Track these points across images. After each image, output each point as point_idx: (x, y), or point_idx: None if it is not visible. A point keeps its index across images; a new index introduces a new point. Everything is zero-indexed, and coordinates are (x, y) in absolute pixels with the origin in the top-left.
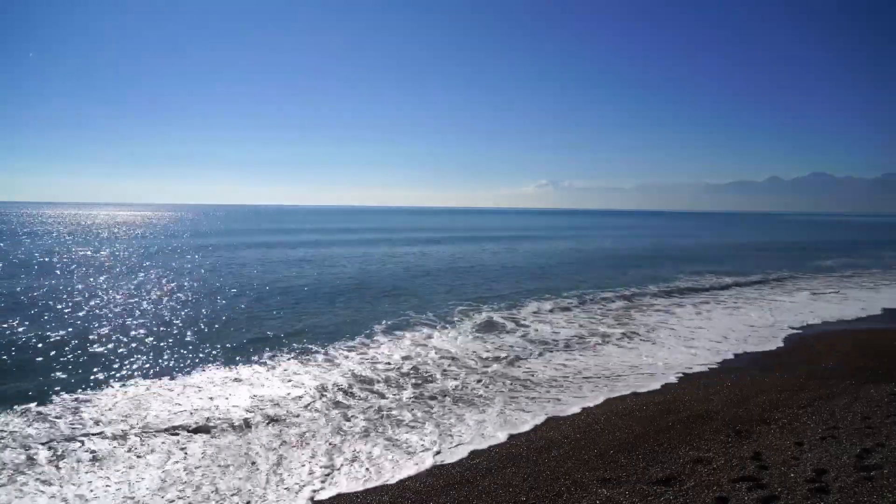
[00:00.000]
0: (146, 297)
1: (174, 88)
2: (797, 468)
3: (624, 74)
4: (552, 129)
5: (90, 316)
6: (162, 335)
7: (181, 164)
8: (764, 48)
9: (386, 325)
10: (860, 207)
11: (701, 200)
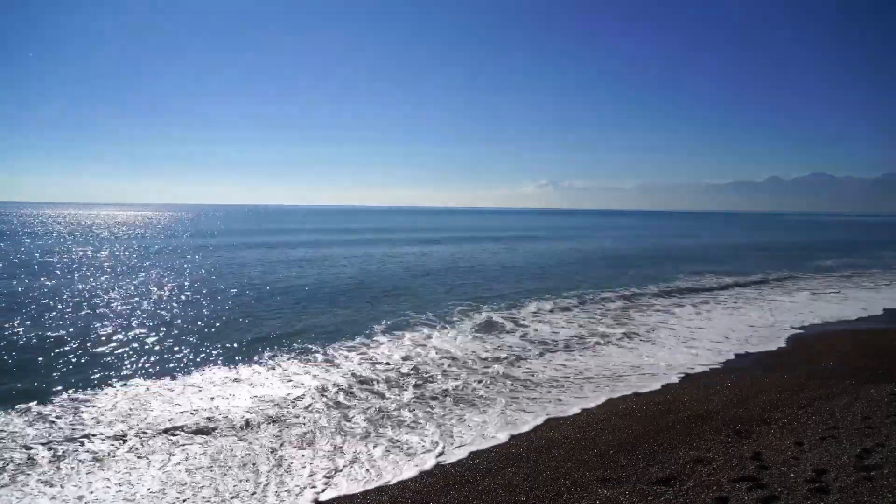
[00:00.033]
0: (146, 297)
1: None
2: (797, 468)
3: (624, 74)
4: (552, 129)
5: (90, 316)
6: (162, 335)
7: (181, 164)
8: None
9: (386, 325)
10: (860, 207)
11: (701, 200)
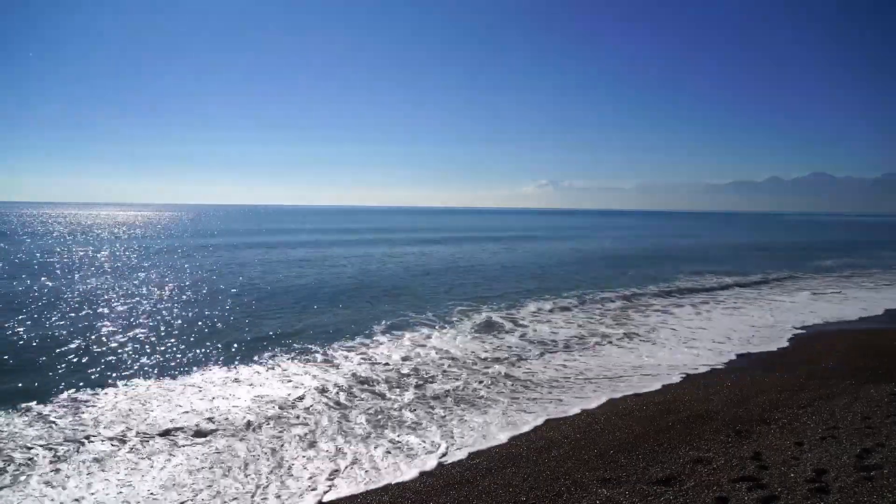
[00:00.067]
0: (146, 297)
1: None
2: (797, 468)
3: (624, 75)
4: (552, 129)
5: (90, 316)
6: (162, 335)
7: (181, 164)
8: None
9: (386, 325)
10: (860, 207)
11: (701, 200)
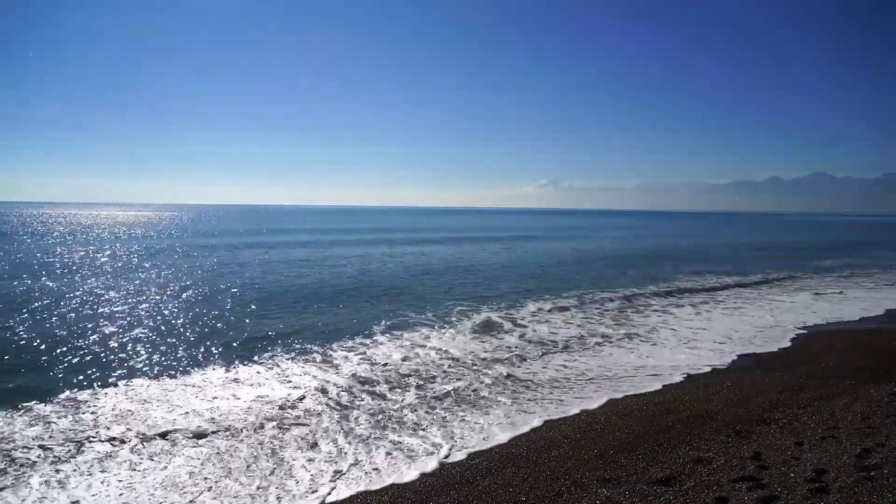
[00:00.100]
0: (146, 297)
1: (174, 89)
2: (797, 468)
3: (624, 75)
4: (552, 129)
5: (90, 316)
6: (162, 335)
7: (181, 164)
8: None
9: (386, 325)
10: (860, 207)
11: (701, 200)
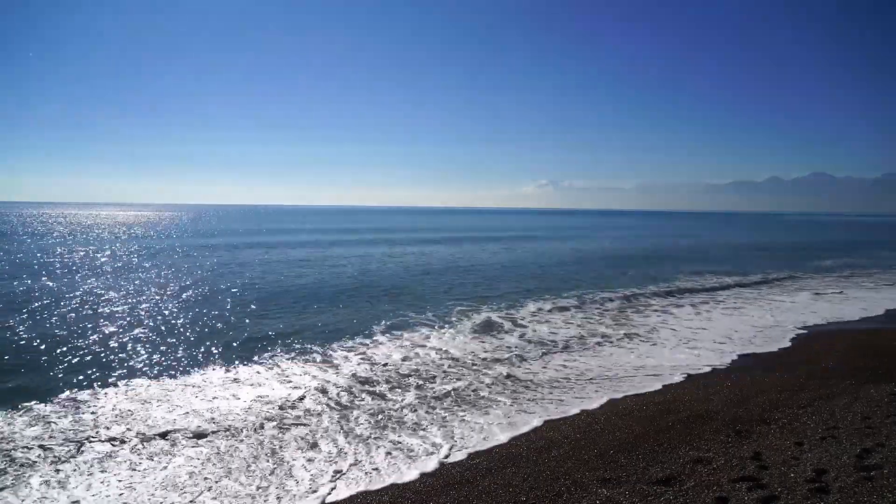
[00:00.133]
0: (146, 297)
1: (174, 88)
2: (797, 468)
3: (624, 74)
4: (552, 129)
5: (90, 316)
6: (162, 335)
7: (181, 164)
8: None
9: (386, 325)
10: (860, 207)
11: (701, 200)
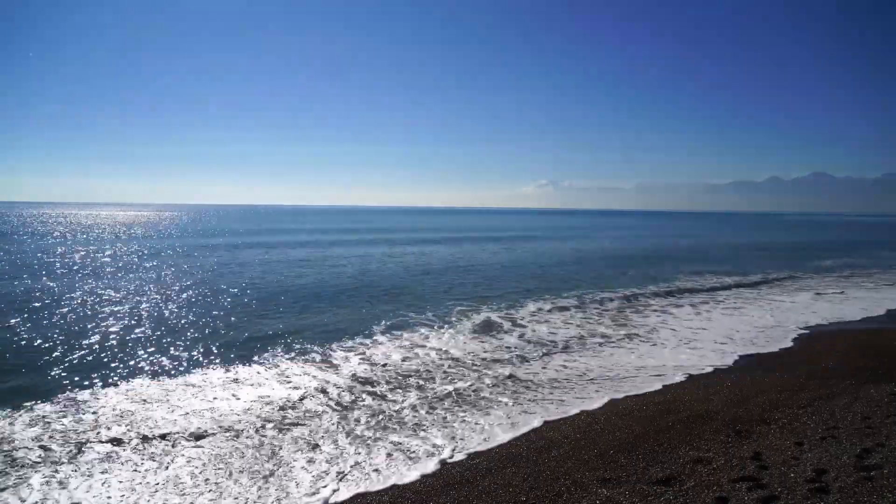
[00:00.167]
0: (146, 297)
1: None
2: (797, 468)
3: (624, 74)
4: (552, 129)
5: (91, 316)
6: (162, 335)
7: (181, 164)
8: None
9: (386, 325)
10: (860, 207)
11: (701, 200)
